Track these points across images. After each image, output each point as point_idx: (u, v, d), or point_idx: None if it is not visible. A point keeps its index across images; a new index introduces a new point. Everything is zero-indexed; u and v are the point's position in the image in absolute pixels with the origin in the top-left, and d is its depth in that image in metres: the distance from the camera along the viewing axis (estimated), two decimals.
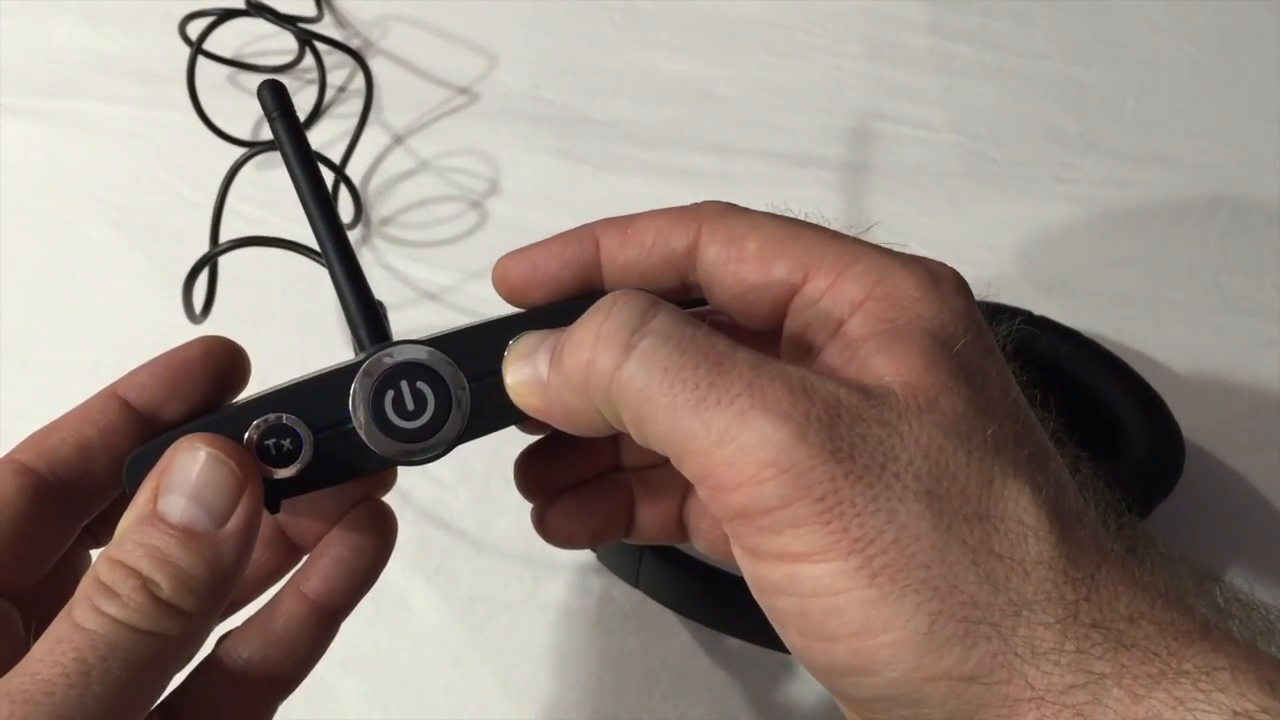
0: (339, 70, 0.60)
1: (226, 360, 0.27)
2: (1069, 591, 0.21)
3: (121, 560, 0.22)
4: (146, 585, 0.22)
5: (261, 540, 0.28)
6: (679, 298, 0.27)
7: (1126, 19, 0.63)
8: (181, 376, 0.26)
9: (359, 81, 0.59)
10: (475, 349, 0.26)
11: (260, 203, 0.53)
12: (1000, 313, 0.46)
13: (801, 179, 0.57)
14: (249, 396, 0.26)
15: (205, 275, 0.47)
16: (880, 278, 0.24)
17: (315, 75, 0.58)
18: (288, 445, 0.25)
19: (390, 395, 0.25)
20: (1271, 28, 0.63)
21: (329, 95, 0.59)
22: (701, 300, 0.27)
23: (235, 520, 0.23)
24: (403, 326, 0.27)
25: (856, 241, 0.25)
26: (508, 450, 0.30)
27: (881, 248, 0.25)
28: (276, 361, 0.29)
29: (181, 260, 0.53)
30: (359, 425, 0.25)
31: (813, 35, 0.63)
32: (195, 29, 0.55)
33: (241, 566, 0.23)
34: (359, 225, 0.54)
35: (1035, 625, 0.20)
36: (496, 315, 0.27)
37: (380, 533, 0.28)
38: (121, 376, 0.26)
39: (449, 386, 0.25)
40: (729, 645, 0.42)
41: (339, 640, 0.28)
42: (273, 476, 0.25)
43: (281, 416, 0.25)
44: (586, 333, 0.23)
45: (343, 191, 0.54)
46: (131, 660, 0.21)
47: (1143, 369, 0.45)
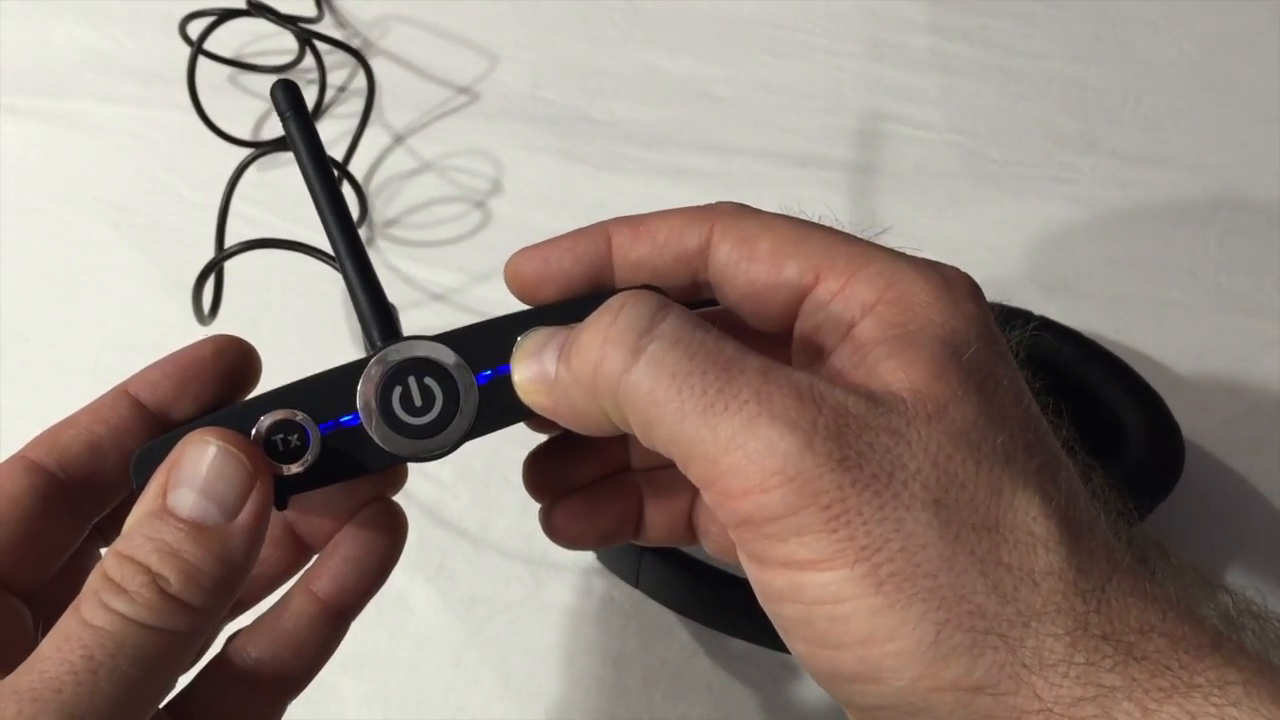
0: (339, 70, 0.60)
1: (237, 359, 0.27)
2: (1079, 603, 0.21)
3: (130, 555, 0.22)
4: (155, 580, 0.22)
5: (272, 539, 0.28)
6: (689, 297, 0.27)
7: (1126, 19, 0.63)
8: (192, 375, 0.26)
9: (359, 81, 0.59)
10: (483, 345, 0.26)
11: (260, 203, 0.53)
12: (1008, 316, 0.46)
13: (802, 179, 0.57)
14: (257, 393, 0.26)
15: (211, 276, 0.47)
16: (891, 281, 0.24)
17: (315, 75, 0.58)
18: (295, 441, 0.24)
19: (398, 391, 0.25)
20: (1271, 28, 0.63)
21: (329, 95, 0.59)
22: (712, 300, 0.27)
23: (245, 514, 0.23)
24: (409, 328, 0.27)
25: (869, 244, 0.25)
26: (508, 450, 0.30)
27: (895, 251, 0.25)
28: (277, 361, 0.29)
29: (181, 260, 0.53)
30: (366, 421, 0.25)
31: (813, 35, 0.63)
32: (195, 29, 0.55)
33: (251, 561, 0.23)
34: (363, 225, 0.54)
35: (1044, 636, 0.20)
36: (506, 312, 0.27)
37: (391, 531, 0.28)
38: (133, 375, 0.26)
39: (457, 383, 0.25)
40: (729, 645, 0.42)
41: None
42: (280, 473, 0.24)
43: (289, 412, 0.24)
44: (595, 333, 0.23)
45: (347, 192, 0.54)
46: (140, 657, 0.21)
47: (1143, 369, 0.45)
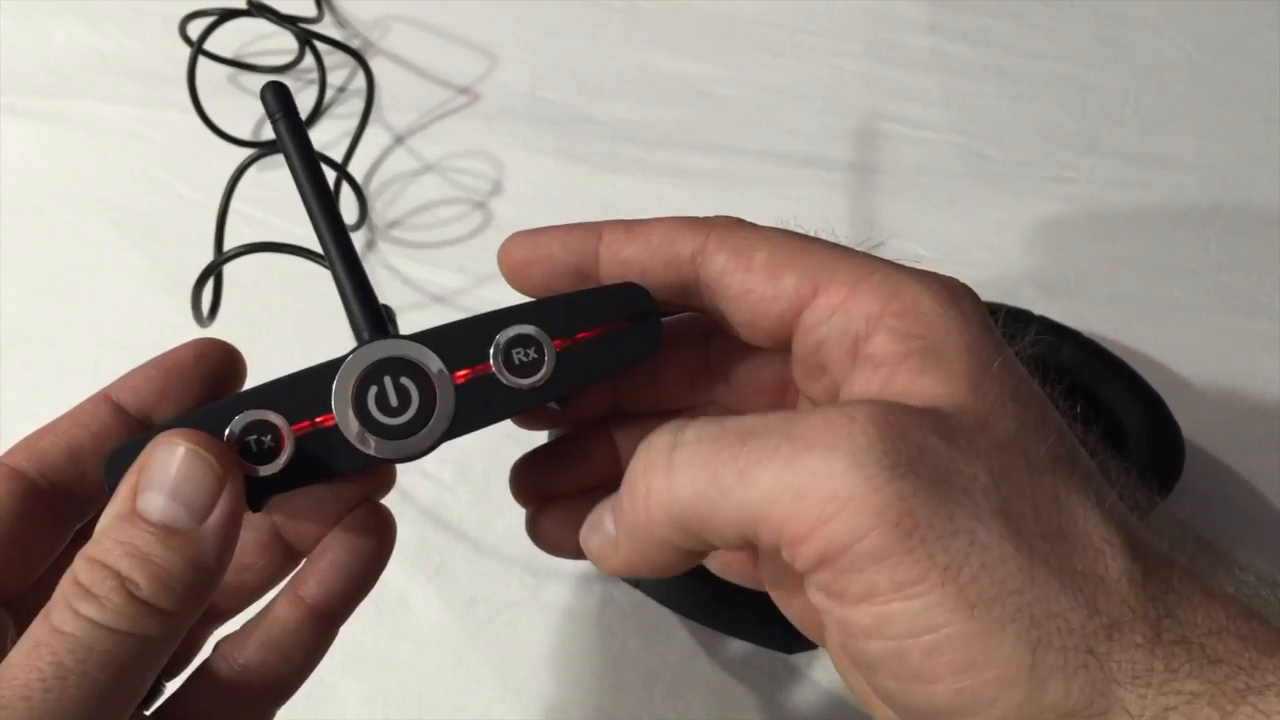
0: (339, 70, 0.60)
1: (221, 362, 0.27)
2: (1150, 609, 0.20)
3: (99, 559, 0.22)
4: (125, 585, 0.22)
5: (258, 545, 0.28)
6: (675, 303, 0.26)
7: (1126, 19, 0.63)
8: (174, 379, 0.26)
9: (359, 82, 0.59)
10: (461, 343, 0.25)
11: (260, 202, 0.53)
12: (1009, 316, 0.46)
13: (801, 179, 0.57)
14: (232, 396, 0.26)
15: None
16: (895, 292, 0.23)
17: (315, 75, 0.58)
18: (269, 442, 0.24)
19: (373, 391, 0.25)
20: (1271, 28, 0.63)
21: (329, 95, 0.59)
22: (697, 312, 0.27)
23: (215, 517, 0.23)
24: (410, 330, 0.27)
25: (867, 256, 0.25)
26: (508, 451, 0.30)
27: (892, 262, 0.25)
28: (277, 362, 0.29)
29: (181, 260, 0.53)
30: (341, 422, 0.24)
31: (813, 35, 0.63)
32: (195, 29, 0.55)
33: (223, 564, 0.23)
34: (363, 227, 0.54)
35: (1128, 648, 0.20)
36: (485, 310, 0.27)
37: (379, 536, 0.28)
38: (115, 380, 0.26)
39: (433, 382, 0.25)
40: (729, 645, 0.42)
41: (339, 641, 0.28)
42: (255, 474, 0.24)
43: (262, 413, 0.24)
44: (634, 473, 0.23)
45: (346, 192, 0.54)
46: (110, 662, 0.21)
47: (1143, 369, 0.45)
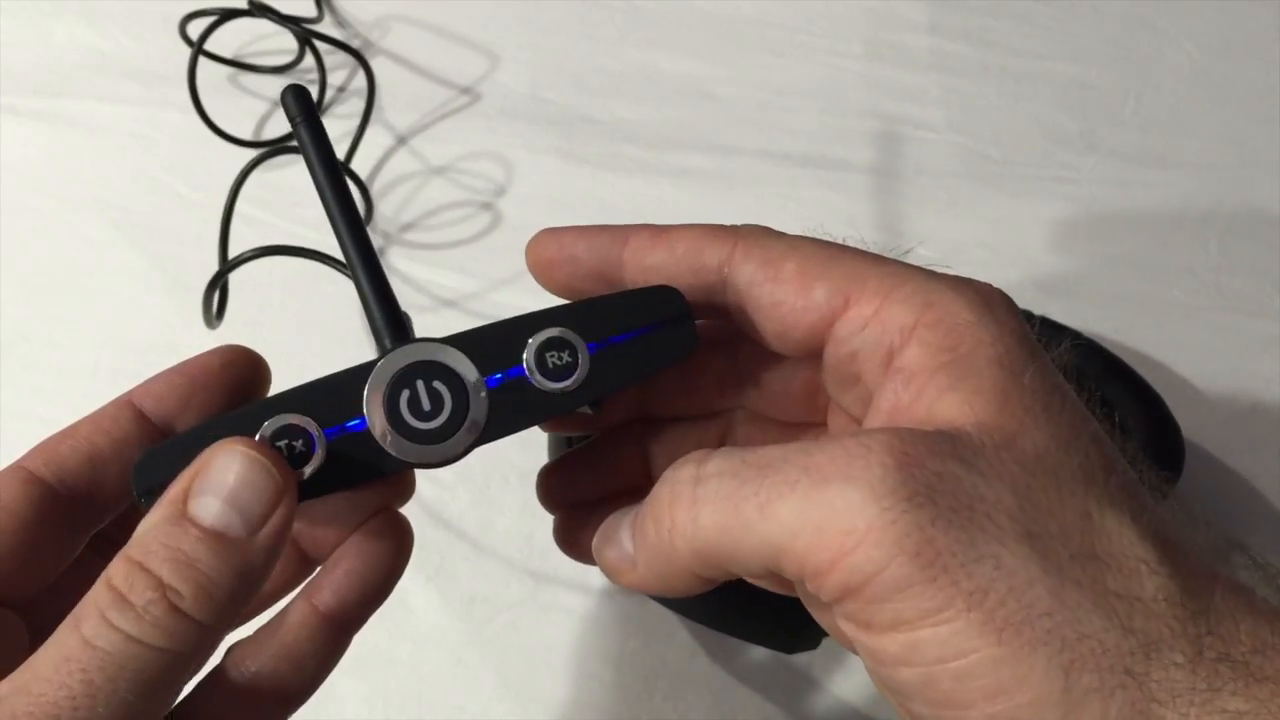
0: (339, 71, 0.60)
1: (246, 370, 0.26)
2: (1191, 626, 0.20)
3: (141, 562, 0.21)
4: (166, 594, 0.21)
5: None
6: (702, 312, 0.26)
7: (1126, 19, 0.63)
8: (199, 387, 0.25)
9: (359, 82, 0.59)
10: (494, 348, 0.25)
11: (261, 202, 0.53)
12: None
13: (801, 179, 0.57)
14: (261, 402, 0.25)
15: (215, 270, 0.47)
16: (928, 301, 0.23)
17: (315, 76, 0.58)
18: (300, 447, 0.24)
19: (405, 395, 0.24)
20: (1271, 28, 0.63)
21: (329, 95, 0.59)
22: (724, 323, 0.27)
23: (269, 528, 0.22)
24: (418, 332, 0.26)
25: (898, 264, 0.24)
26: (508, 451, 0.30)
27: (925, 269, 0.24)
28: (277, 362, 0.29)
29: (181, 260, 0.53)
30: (373, 426, 0.24)
31: (813, 35, 0.63)
32: (195, 29, 0.55)
33: (265, 578, 0.23)
34: (368, 228, 0.54)
35: (1167, 666, 0.19)
36: (516, 314, 0.26)
37: (396, 544, 0.27)
38: (137, 385, 0.26)
39: (466, 387, 0.24)
40: (729, 645, 0.42)
41: None
42: None
43: (295, 417, 0.24)
44: (659, 505, 0.23)
45: (353, 192, 0.54)
46: (141, 680, 0.21)
47: (1143, 369, 0.45)
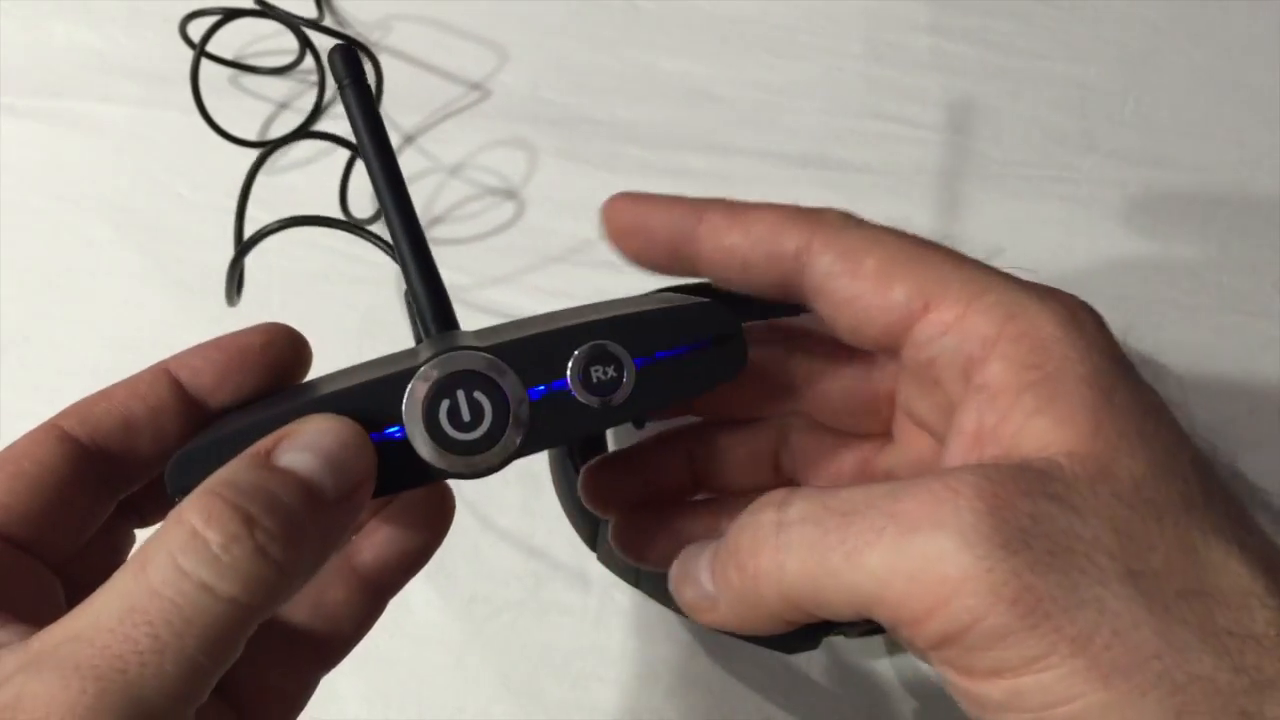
0: None
1: (287, 351, 0.25)
2: None
3: (224, 495, 0.20)
4: (251, 530, 0.20)
5: None
6: (774, 296, 0.26)
7: (1126, 19, 0.63)
8: (237, 365, 0.25)
9: None
10: (538, 359, 0.24)
11: (260, 202, 0.53)
12: None
13: (801, 179, 0.57)
14: (300, 398, 0.25)
15: (219, 270, 0.47)
16: (1012, 312, 0.22)
17: (316, 78, 0.58)
18: None
19: (446, 405, 0.23)
20: (1271, 28, 0.63)
21: (328, 96, 0.59)
22: (794, 309, 0.26)
23: (353, 500, 0.22)
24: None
25: (983, 268, 0.24)
26: None
27: (1010, 276, 0.23)
28: None
29: (181, 260, 0.53)
30: (412, 435, 0.23)
31: (813, 35, 0.63)
32: (195, 29, 0.55)
33: (335, 550, 0.22)
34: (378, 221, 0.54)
35: None
36: (560, 320, 0.25)
37: (437, 512, 0.27)
38: (175, 354, 0.25)
39: (508, 398, 0.24)
40: (729, 645, 0.42)
41: None
42: None
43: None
44: (742, 552, 0.23)
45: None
46: (209, 637, 0.19)
47: (1143, 369, 0.45)
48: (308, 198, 0.55)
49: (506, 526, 0.45)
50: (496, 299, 0.51)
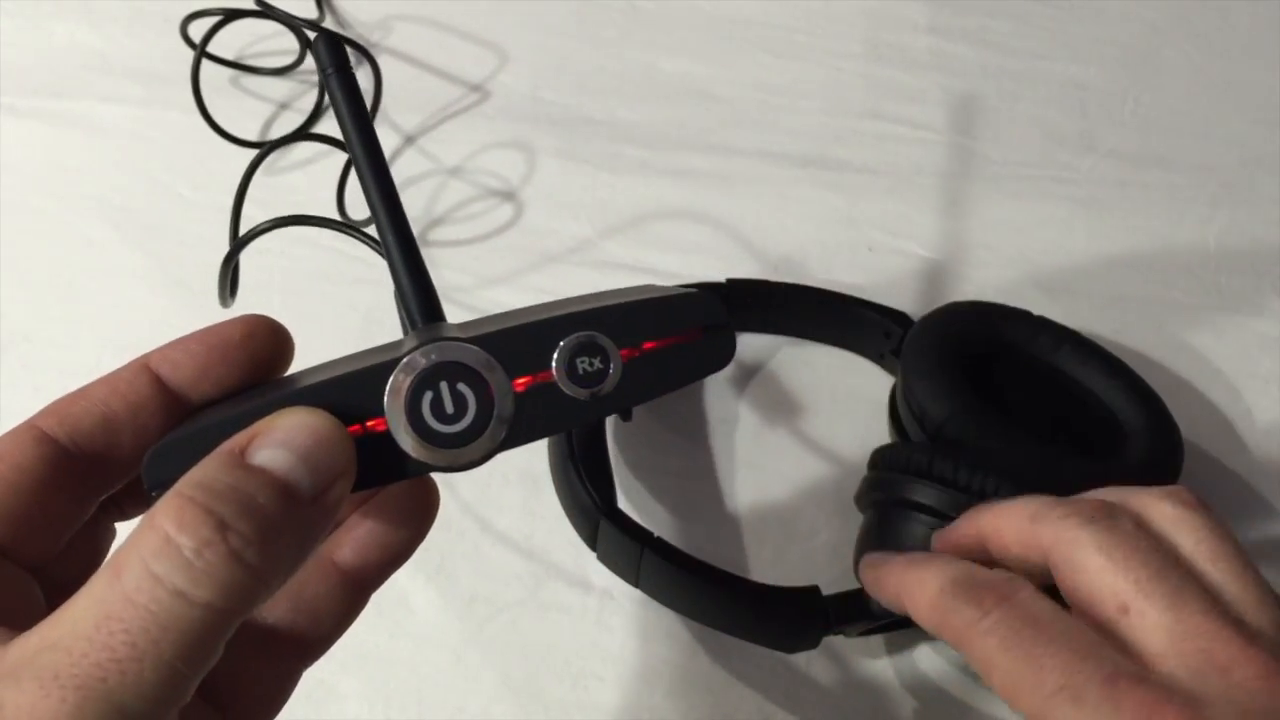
0: None
1: (269, 343, 0.25)
2: None
3: (195, 498, 0.20)
4: (226, 537, 0.19)
5: None
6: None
7: (1126, 19, 0.63)
8: (218, 358, 0.24)
9: (361, 81, 0.59)
10: (522, 350, 0.23)
11: (259, 202, 0.53)
12: (1008, 316, 0.46)
13: (801, 179, 0.57)
14: (281, 390, 0.24)
15: (215, 270, 0.47)
16: None
17: (315, 78, 0.58)
18: None
19: (428, 397, 0.23)
20: (1271, 28, 0.63)
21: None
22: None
23: (331, 496, 0.21)
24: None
25: (1068, 701, 0.25)
26: (510, 451, 0.29)
27: (1086, 702, 0.25)
28: None
29: (181, 260, 0.53)
30: (394, 428, 0.23)
31: (813, 35, 0.63)
32: (196, 29, 0.55)
33: (314, 550, 0.21)
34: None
35: None
36: (547, 311, 0.25)
37: (421, 506, 0.27)
38: (155, 349, 0.25)
39: (493, 390, 0.23)
40: (729, 645, 0.42)
41: (340, 639, 0.28)
42: None
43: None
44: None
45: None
46: (185, 644, 0.19)
47: (1143, 369, 0.45)
48: (306, 198, 0.55)
49: (506, 526, 0.45)
50: (497, 300, 0.51)
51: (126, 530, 0.26)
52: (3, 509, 0.22)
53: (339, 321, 0.51)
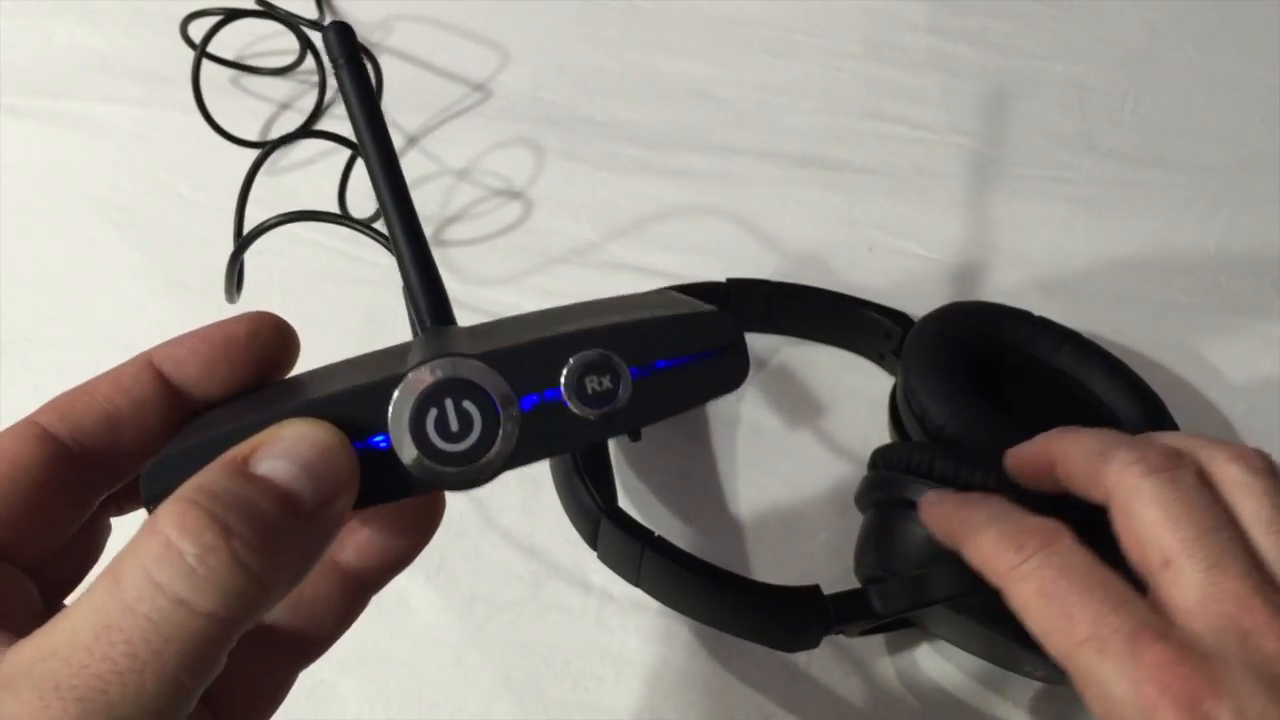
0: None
1: (274, 341, 0.25)
2: None
3: (199, 502, 0.19)
4: (229, 542, 0.19)
5: None
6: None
7: (1126, 19, 0.63)
8: (223, 356, 0.24)
9: None
10: (530, 367, 0.23)
11: (259, 202, 0.53)
12: (1008, 316, 0.46)
13: (801, 179, 0.57)
14: (277, 395, 0.24)
15: (219, 270, 0.47)
16: (1107, 710, 0.26)
17: (316, 78, 0.58)
18: None
19: (433, 414, 0.22)
20: (1271, 28, 0.63)
21: (329, 96, 0.59)
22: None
23: (334, 510, 0.21)
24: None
25: (1093, 650, 0.27)
26: None
27: (1109, 653, 0.26)
28: None
29: (182, 260, 0.53)
30: (398, 445, 0.22)
31: (813, 35, 0.63)
32: (196, 29, 0.55)
33: (315, 564, 0.21)
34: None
35: None
36: (557, 322, 0.24)
37: (426, 513, 0.26)
38: (159, 345, 0.24)
39: (498, 408, 0.22)
40: (729, 645, 0.42)
41: (340, 639, 0.28)
42: None
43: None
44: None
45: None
46: (188, 655, 0.18)
47: (1143, 369, 0.45)
48: (307, 199, 0.55)
49: (506, 526, 0.45)
50: (499, 300, 0.51)
51: (123, 525, 0.26)
52: (1, 509, 0.22)
53: (339, 322, 0.51)
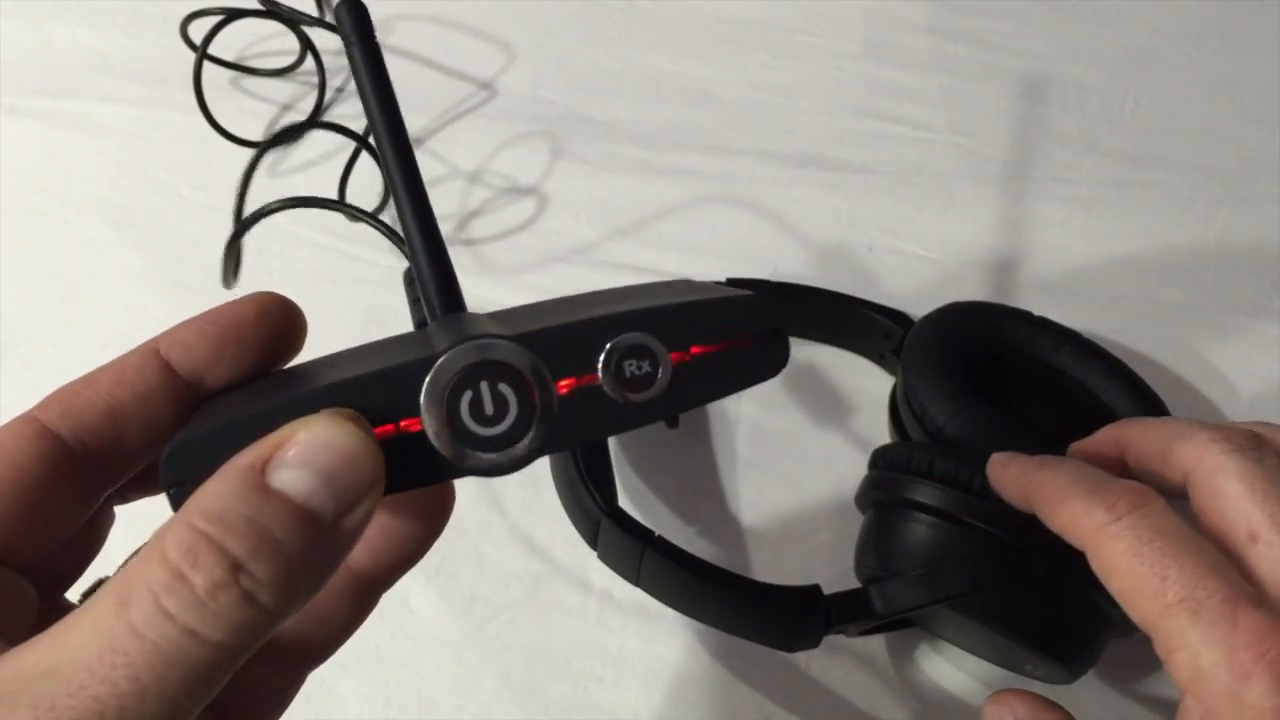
0: (341, 73, 0.60)
1: (282, 322, 0.24)
2: None
3: (210, 534, 0.18)
4: (239, 578, 0.18)
5: None
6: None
7: (1126, 19, 0.63)
8: (231, 338, 0.23)
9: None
10: (568, 349, 0.22)
11: (259, 203, 0.53)
12: (1008, 316, 0.46)
13: (801, 179, 0.57)
14: (295, 378, 0.23)
15: (219, 270, 0.47)
16: (1196, 674, 0.25)
17: (316, 79, 0.58)
18: None
19: (468, 396, 0.21)
20: (1271, 28, 0.63)
21: (329, 96, 0.59)
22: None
23: (357, 515, 0.20)
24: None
25: (1185, 616, 0.26)
26: None
27: (1208, 622, 0.26)
28: None
29: (182, 260, 0.53)
30: (430, 428, 0.21)
31: (813, 35, 0.63)
32: (196, 29, 0.55)
33: (335, 572, 0.20)
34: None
35: None
36: (584, 307, 0.24)
37: (437, 505, 0.26)
38: (164, 331, 0.24)
39: (535, 392, 0.22)
40: (729, 645, 0.42)
41: None
42: None
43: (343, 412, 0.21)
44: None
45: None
46: (192, 680, 0.18)
47: (1143, 369, 0.45)
48: (304, 193, 0.55)
49: (506, 526, 0.45)
50: (499, 300, 0.51)
51: (124, 516, 0.26)
52: None
53: (339, 321, 0.51)
